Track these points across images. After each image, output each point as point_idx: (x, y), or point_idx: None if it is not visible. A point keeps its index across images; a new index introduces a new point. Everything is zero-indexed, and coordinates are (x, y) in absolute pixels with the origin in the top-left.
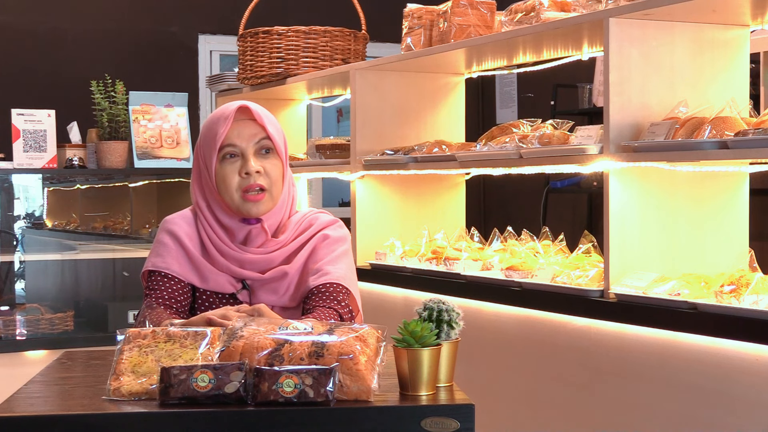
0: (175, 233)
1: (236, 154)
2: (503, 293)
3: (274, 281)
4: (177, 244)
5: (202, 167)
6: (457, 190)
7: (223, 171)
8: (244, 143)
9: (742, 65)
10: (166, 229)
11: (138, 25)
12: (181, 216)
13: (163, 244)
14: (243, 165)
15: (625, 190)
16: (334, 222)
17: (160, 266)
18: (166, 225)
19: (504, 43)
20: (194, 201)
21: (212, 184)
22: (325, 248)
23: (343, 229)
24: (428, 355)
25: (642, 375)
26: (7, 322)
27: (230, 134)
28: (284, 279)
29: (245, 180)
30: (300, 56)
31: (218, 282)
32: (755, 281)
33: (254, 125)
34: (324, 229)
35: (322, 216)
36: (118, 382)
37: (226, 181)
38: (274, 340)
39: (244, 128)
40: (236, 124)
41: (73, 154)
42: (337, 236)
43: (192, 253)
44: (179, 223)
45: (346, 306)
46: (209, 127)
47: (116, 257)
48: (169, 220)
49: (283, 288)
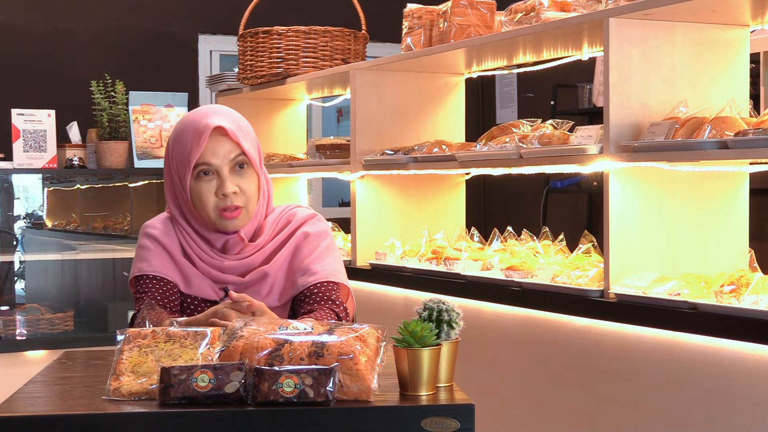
0: (156, 237)
1: (211, 171)
2: (503, 293)
3: (255, 283)
4: (159, 247)
5: (176, 180)
6: (457, 190)
7: (199, 189)
8: (219, 161)
9: (742, 65)
10: (147, 234)
11: (138, 25)
12: (160, 220)
13: (146, 248)
14: (219, 185)
15: (625, 190)
16: (312, 216)
17: (146, 270)
18: (146, 230)
19: (504, 43)
20: (169, 208)
21: (187, 199)
22: (308, 245)
23: (322, 222)
24: (428, 355)
25: (642, 375)
26: (7, 322)
27: (205, 153)
28: (265, 280)
29: (222, 201)
30: (300, 56)
31: (201, 287)
32: (755, 281)
33: (228, 141)
34: (303, 226)
35: (300, 211)
36: (118, 382)
37: (202, 199)
38: (274, 340)
39: (218, 145)
40: (210, 141)
41: (73, 154)
42: (318, 231)
43: (175, 255)
44: (159, 227)
45: (341, 304)
46: (181, 141)
47: (116, 257)
48: (148, 224)
49: (266, 289)
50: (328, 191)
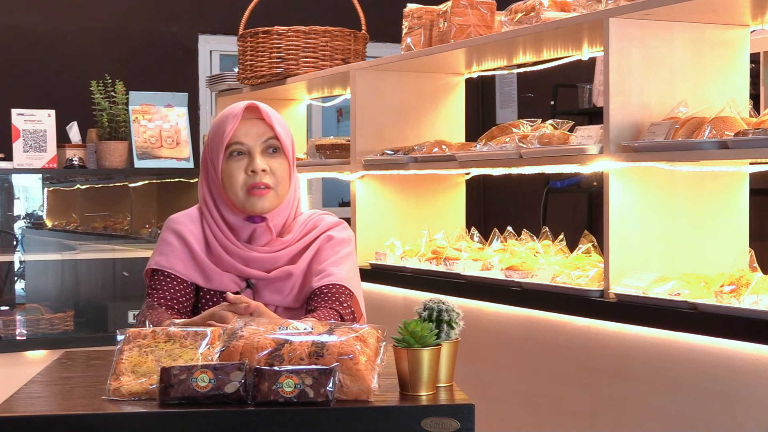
0: (180, 232)
1: (243, 152)
2: (503, 293)
3: (278, 281)
4: (182, 243)
5: (209, 164)
6: (457, 190)
7: (230, 168)
8: (252, 141)
9: (742, 65)
10: (171, 228)
11: (138, 25)
12: (186, 215)
13: (167, 243)
14: (249, 163)
15: (625, 190)
16: (339, 224)
17: (163, 265)
18: (171, 224)
19: (504, 43)
20: (201, 198)
21: (218, 181)
22: (329, 249)
23: (348, 231)
24: (428, 355)
25: (642, 375)
26: (7, 322)
27: (238, 132)
28: (289, 279)
29: (251, 177)
30: (300, 56)
31: (222, 282)
32: (755, 281)
33: (262, 124)
34: (328, 231)
35: (327, 217)
36: (118, 382)
37: (232, 178)
38: (274, 340)
39: (252, 127)
40: (244, 122)
41: (73, 154)
42: (342, 238)
43: (196, 252)
44: (184, 222)
45: (348, 307)
46: (218, 125)
47: (116, 257)
48: (174, 218)
49: (288, 288)
50: (328, 191)
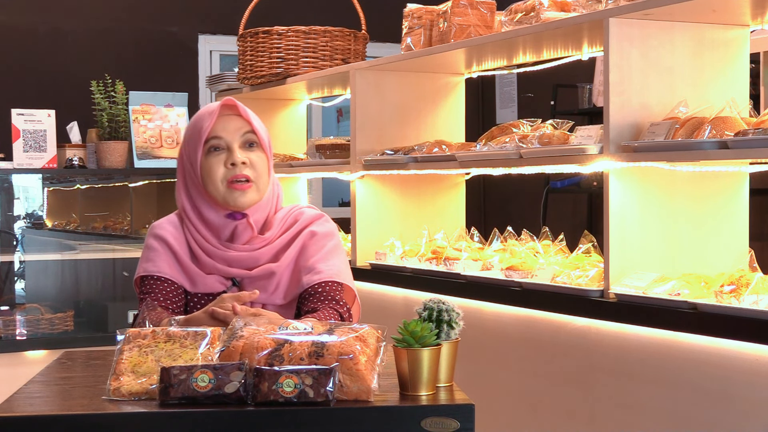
0: (163, 237)
1: (221, 146)
2: (503, 293)
3: (261, 279)
4: (166, 248)
5: (187, 164)
6: (457, 190)
7: (209, 163)
8: (230, 136)
9: (742, 65)
10: (154, 234)
11: (138, 25)
12: (168, 221)
13: (152, 248)
14: (228, 156)
15: (625, 190)
16: (320, 216)
17: (151, 270)
18: (153, 230)
19: (504, 43)
20: (179, 203)
21: (197, 179)
22: (314, 245)
23: (330, 223)
24: (428, 355)
25: (642, 375)
26: (7, 322)
27: (215, 127)
28: (272, 278)
29: (231, 171)
30: (300, 56)
31: (207, 284)
32: (755, 281)
33: (239, 119)
34: (310, 225)
35: (307, 210)
36: (118, 382)
37: (212, 172)
38: (274, 340)
39: (229, 122)
40: (221, 118)
41: (73, 154)
42: (325, 231)
43: (181, 256)
44: (166, 227)
45: (345, 305)
46: (194, 123)
47: (116, 257)
48: (156, 225)
49: (272, 286)
50: (328, 191)
